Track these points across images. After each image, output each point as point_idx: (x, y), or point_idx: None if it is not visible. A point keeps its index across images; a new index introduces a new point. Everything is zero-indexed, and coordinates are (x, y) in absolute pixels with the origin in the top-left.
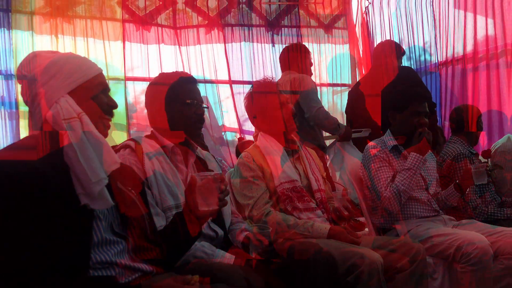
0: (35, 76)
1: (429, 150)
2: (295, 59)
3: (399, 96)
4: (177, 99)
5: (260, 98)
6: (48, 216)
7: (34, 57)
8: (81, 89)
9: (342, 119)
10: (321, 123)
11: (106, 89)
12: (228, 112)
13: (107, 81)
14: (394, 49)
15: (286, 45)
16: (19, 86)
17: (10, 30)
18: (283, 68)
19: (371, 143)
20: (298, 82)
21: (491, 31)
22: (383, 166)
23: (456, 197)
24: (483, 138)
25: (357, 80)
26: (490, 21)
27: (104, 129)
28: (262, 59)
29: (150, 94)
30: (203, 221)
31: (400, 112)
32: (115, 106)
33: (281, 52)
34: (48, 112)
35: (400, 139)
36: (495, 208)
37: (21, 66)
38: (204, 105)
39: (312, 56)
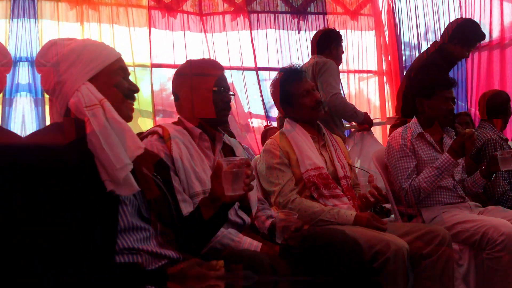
0: (54, 64)
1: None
2: (327, 44)
3: (427, 83)
4: (204, 86)
5: (286, 85)
6: (73, 203)
7: (52, 45)
8: (101, 75)
9: (368, 106)
10: (336, 110)
11: (126, 73)
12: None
13: (129, 67)
14: (462, 33)
15: (315, 30)
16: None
17: (36, 18)
18: (313, 52)
19: (396, 131)
20: (319, 66)
21: None
22: (405, 156)
23: (482, 183)
24: (510, 124)
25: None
26: None
27: (127, 113)
28: (288, 46)
29: (177, 81)
30: (229, 207)
31: (428, 99)
32: (136, 90)
33: (313, 36)
34: (70, 100)
35: (426, 126)
36: None
37: (40, 55)
38: (231, 92)
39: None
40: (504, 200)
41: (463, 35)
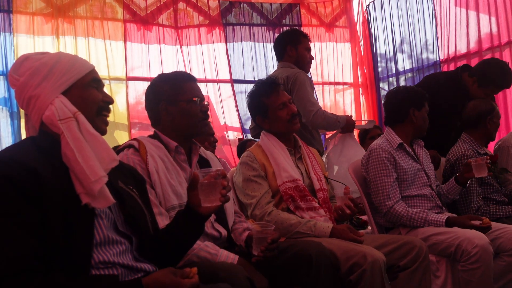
0: (27, 79)
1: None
2: (284, 48)
3: (419, 94)
4: (181, 98)
5: (262, 97)
6: (46, 217)
7: (24, 59)
8: (74, 88)
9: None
10: (321, 126)
11: (100, 85)
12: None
13: (104, 80)
14: (484, 74)
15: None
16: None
17: (12, 32)
18: (278, 58)
19: (375, 143)
20: (291, 82)
21: (494, 29)
22: (385, 169)
23: (457, 191)
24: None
25: (359, 79)
26: (493, 19)
27: (102, 126)
28: (264, 58)
29: (152, 94)
30: (206, 218)
31: (419, 110)
32: (111, 101)
33: (275, 41)
34: (44, 114)
35: (404, 136)
36: (497, 207)
37: (13, 70)
38: (206, 102)
39: (314, 52)
40: (480, 215)
41: (485, 77)
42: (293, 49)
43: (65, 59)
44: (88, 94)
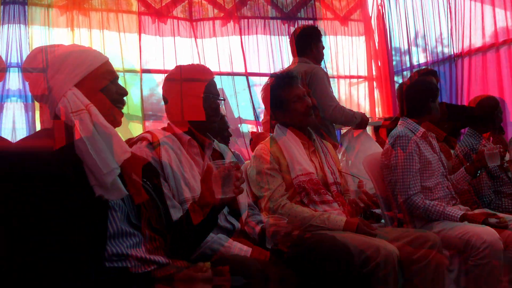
0: (41, 71)
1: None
2: (307, 43)
3: (434, 86)
4: (193, 93)
5: (278, 90)
6: (61, 209)
7: (38, 52)
8: (87, 80)
9: (358, 111)
10: (340, 121)
11: (114, 76)
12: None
13: (119, 72)
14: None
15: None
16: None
17: (27, 24)
18: (293, 53)
19: (399, 131)
20: (308, 76)
21: (510, 23)
22: (410, 158)
23: (467, 180)
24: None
25: (373, 73)
26: (508, 13)
27: (115, 118)
28: (279, 51)
29: (167, 86)
30: (219, 210)
31: (434, 101)
32: (125, 93)
33: (291, 36)
34: (57, 107)
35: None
36: (509, 201)
37: (27, 62)
38: (221, 98)
39: (329, 45)
40: (492, 208)
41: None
42: (316, 46)
43: (78, 52)
44: (101, 86)
